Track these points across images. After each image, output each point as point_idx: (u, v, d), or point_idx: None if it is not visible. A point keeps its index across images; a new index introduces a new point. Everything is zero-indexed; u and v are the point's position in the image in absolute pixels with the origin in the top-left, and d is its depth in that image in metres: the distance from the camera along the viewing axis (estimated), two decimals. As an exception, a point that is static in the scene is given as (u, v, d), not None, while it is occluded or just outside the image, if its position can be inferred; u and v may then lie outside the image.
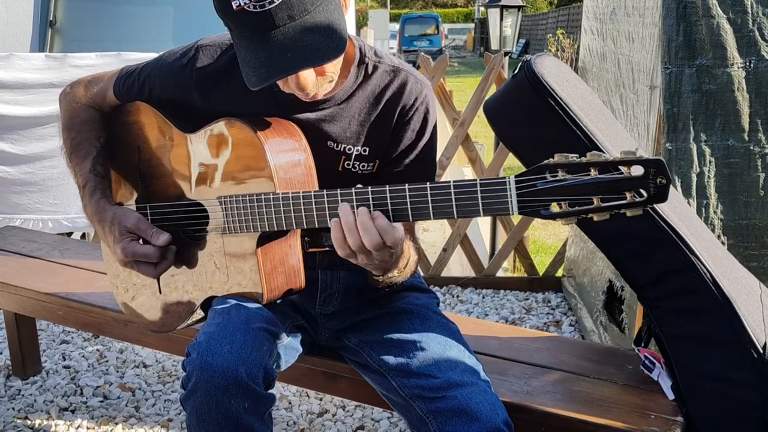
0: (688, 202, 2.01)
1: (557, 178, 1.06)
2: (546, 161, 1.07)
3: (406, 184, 1.21)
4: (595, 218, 1.06)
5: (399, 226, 1.26)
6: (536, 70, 1.50)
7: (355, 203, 1.25)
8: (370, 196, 1.24)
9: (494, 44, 4.28)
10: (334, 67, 1.35)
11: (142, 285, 1.64)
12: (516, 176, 1.10)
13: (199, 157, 1.49)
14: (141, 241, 1.52)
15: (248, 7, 1.20)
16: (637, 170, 1.02)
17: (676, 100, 2.02)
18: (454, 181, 1.16)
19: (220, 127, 1.44)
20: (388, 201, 1.22)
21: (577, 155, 1.06)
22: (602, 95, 2.94)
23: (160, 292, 1.61)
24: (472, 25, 34.65)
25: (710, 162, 2.02)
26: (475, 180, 1.15)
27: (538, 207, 1.08)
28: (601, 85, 3.00)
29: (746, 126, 2.02)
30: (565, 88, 1.53)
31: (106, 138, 1.63)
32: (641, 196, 1.02)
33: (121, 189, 1.65)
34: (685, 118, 2.02)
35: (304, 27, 1.22)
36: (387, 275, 1.38)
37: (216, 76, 1.47)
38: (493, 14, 4.24)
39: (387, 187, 1.22)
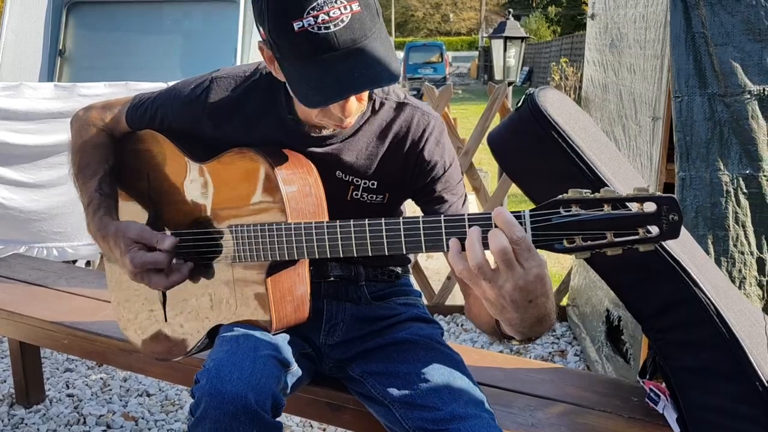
0: (706, 234, 1.98)
1: (571, 212, 1.07)
2: (560, 196, 1.08)
3: (420, 216, 1.22)
4: (609, 253, 1.07)
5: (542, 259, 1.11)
6: (539, 103, 1.52)
7: (368, 233, 1.25)
8: (383, 227, 1.24)
9: (498, 74, 4.32)
10: (366, 97, 1.38)
11: (149, 311, 1.65)
12: (530, 210, 1.11)
13: (211, 186, 1.51)
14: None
15: (312, 29, 1.20)
16: (650, 207, 1.04)
17: (688, 129, 1.99)
18: (468, 215, 1.17)
19: (232, 156, 1.46)
20: (402, 232, 1.22)
21: (590, 191, 1.07)
22: (605, 126, 2.96)
23: (166, 320, 1.61)
24: (476, 53, 34.92)
25: (727, 192, 1.99)
26: (490, 213, 1.14)
27: (552, 241, 1.09)
28: (603, 116, 3.02)
29: (765, 155, 1.98)
30: (568, 121, 1.54)
31: (115, 162, 1.65)
32: (653, 232, 1.04)
33: (131, 216, 1.65)
34: (698, 147, 1.99)
35: (365, 50, 1.24)
36: (520, 327, 1.16)
37: (229, 108, 1.49)
38: (497, 45, 4.28)
39: (401, 219, 1.22)
